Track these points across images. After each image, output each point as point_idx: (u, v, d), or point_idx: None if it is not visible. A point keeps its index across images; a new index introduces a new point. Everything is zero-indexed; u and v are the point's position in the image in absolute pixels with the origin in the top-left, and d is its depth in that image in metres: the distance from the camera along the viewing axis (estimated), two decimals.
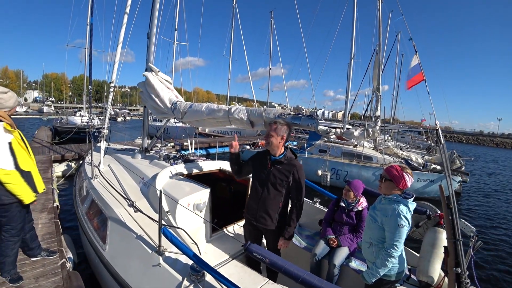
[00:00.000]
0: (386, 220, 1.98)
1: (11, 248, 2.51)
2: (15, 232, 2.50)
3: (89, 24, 16.35)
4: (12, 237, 2.50)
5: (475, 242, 2.15)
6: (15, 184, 2.33)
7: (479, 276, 4.73)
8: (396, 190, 2.04)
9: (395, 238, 1.92)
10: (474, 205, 9.65)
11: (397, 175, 2.00)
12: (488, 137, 60.14)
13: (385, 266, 1.96)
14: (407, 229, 1.93)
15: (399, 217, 1.91)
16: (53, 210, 4.32)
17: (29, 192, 2.45)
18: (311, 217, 3.59)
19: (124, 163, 4.15)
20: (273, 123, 2.47)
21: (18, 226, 2.52)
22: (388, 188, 2.06)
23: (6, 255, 2.51)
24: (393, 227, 1.93)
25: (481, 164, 22.51)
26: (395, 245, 1.92)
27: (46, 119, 31.80)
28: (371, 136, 11.11)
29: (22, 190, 2.38)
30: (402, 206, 1.94)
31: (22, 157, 2.41)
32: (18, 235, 2.54)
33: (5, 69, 65.84)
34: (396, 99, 24.81)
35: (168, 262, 2.15)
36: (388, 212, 1.98)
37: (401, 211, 1.92)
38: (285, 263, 1.86)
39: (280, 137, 2.41)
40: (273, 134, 2.40)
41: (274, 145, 2.42)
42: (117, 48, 4.23)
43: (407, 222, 1.92)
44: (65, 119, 18.16)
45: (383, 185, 2.09)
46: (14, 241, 2.52)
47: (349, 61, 13.22)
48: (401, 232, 1.90)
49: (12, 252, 2.53)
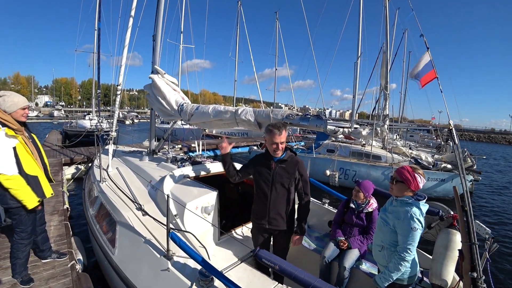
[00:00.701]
0: (398, 223, 1.93)
1: (21, 250, 2.54)
2: (25, 235, 2.53)
3: (97, 29, 16.69)
4: (22, 240, 2.52)
5: (490, 244, 2.08)
6: (17, 189, 2.33)
7: (495, 279, 4.60)
8: (408, 191, 1.98)
9: (408, 241, 1.87)
10: (487, 204, 9.41)
11: (409, 177, 1.95)
12: (500, 135, 58.66)
13: (398, 270, 1.90)
14: (420, 232, 1.88)
15: (412, 219, 1.85)
16: (63, 213, 4.38)
17: (32, 197, 2.44)
18: (320, 218, 3.54)
19: (132, 166, 4.17)
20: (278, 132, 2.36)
21: (28, 229, 2.54)
22: (400, 190, 2.00)
23: (17, 257, 2.54)
24: (406, 230, 1.88)
25: (492, 162, 22.02)
26: (408, 249, 1.87)
27: (56, 123, 32.46)
28: (379, 135, 10.96)
29: (25, 195, 2.38)
30: (414, 208, 1.89)
31: (27, 162, 2.41)
32: (28, 238, 2.57)
33: (17, 75, 67.43)
34: (404, 97, 24.45)
35: (177, 267, 2.14)
36: (400, 214, 1.93)
37: (414, 214, 1.86)
38: (295, 270, 1.82)
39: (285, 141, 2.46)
40: (284, 140, 2.42)
41: (282, 149, 2.45)
42: (123, 51, 4.26)
43: (420, 225, 1.87)
44: (74, 122, 18.50)
45: (395, 187, 2.03)
46: (24, 243, 2.54)
47: (356, 60, 13.10)
48: (414, 235, 1.85)
49: (22, 254, 2.56)
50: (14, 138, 2.34)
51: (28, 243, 2.59)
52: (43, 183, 2.56)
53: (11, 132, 2.33)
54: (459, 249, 2.05)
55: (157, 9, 4.58)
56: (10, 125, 2.37)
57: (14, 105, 2.41)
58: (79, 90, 74.42)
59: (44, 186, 2.56)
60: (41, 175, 2.56)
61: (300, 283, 1.77)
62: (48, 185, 2.64)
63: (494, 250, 2.06)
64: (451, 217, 2.47)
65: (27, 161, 2.41)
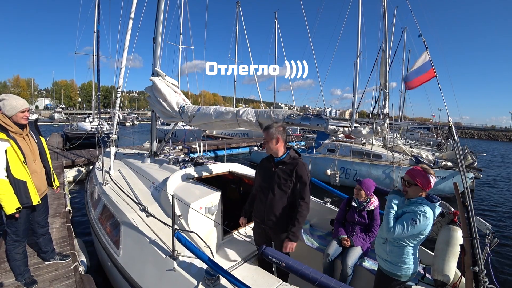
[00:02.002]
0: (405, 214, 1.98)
1: (14, 252, 2.54)
2: (16, 237, 2.51)
3: (96, 31, 16.71)
4: (13, 241, 2.52)
5: (491, 239, 2.10)
6: (2, 194, 2.27)
7: (497, 273, 4.61)
8: (422, 192, 2.02)
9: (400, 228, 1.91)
10: (488, 201, 9.44)
11: (423, 179, 1.98)
12: (500, 132, 58.63)
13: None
14: (419, 230, 1.91)
15: (418, 215, 1.89)
16: (66, 215, 4.40)
17: (13, 203, 2.33)
18: (322, 217, 3.56)
19: (134, 168, 4.19)
20: (264, 130, 2.48)
21: (19, 231, 2.52)
22: (415, 191, 2.03)
23: (12, 259, 2.55)
24: (405, 219, 1.92)
25: (495, 159, 22.06)
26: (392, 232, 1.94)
27: (57, 126, 32.49)
28: (379, 134, 10.96)
29: (7, 200, 2.30)
30: (427, 207, 1.92)
31: (16, 166, 2.36)
32: (19, 240, 2.55)
33: (17, 78, 67.54)
34: (404, 96, 24.55)
35: (183, 267, 2.15)
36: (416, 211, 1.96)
37: (424, 212, 1.90)
38: (301, 266, 1.83)
39: (274, 140, 2.40)
40: (268, 140, 2.42)
41: (272, 149, 2.43)
42: (123, 53, 4.26)
43: (424, 224, 1.89)
44: (75, 125, 18.48)
45: (410, 190, 2.04)
46: (15, 245, 2.53)
47: (355, 59, 13.12)
48: (409, 226, 1.89)
49: (17, 256, 2.56)
50: (5, 141, 2.31)
51: (19, 245, 2.56)
52: (31, 189, 2.49)
53: (3, 136, 2.31)
54: (460, 244, 2.07)
55: (157, 11, 4.59)
56: (10, 128, 2.38)
57: (13, 108, 2.41)
58: (79, 92, 74.38)
59: (31, 192, 2.49)
60: (30, 181, 2.48)
61: (306, 279, 1.78)
62: (36, 192, 2.56)
63: (494, 245, 2.09)
64: (452, 214, 2.49)
65: (16, 165, 2.36)
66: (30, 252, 3.04)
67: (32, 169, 2.58)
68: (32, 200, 2.50)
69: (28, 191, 2.47)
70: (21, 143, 2.47)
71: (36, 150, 2.68)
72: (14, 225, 2.48)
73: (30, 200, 2.49)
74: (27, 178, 2.45)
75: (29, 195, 2.48)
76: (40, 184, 2.71)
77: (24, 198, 2.44)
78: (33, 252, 3.10)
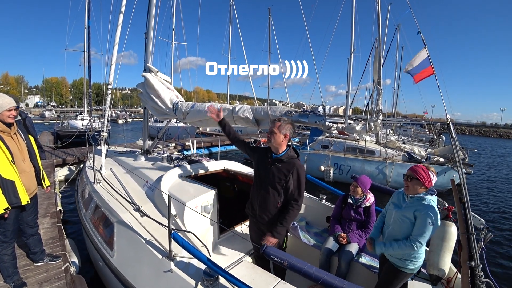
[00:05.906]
0: (418, 214, 1.99)
1: (2, 253, 2.47)
2: (4, 237, 2.45)
3: (87, 27, 16.35)
4: (1, 242, 2.44)
5: (485, 234, 2.13)
6: None
7: (491, 267, 4.70)
8: (422, 188, 2.06)
9: (422, 234, 1.94)
10: (480, 196, 9.62)
11: (424, 174, 2.02)
12: (491, 128, 59.75)
13: (399, 251, 2.03)
14: (437, 226, 1.96)
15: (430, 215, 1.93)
16: (56, 215, 4.30)
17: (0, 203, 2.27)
18: (318, 214, 3.55)
19: (126, 166, 4.11)
20: (277, 121, 2.39)
21: (8, 232, 2.45)
22: (416, 187, 2.07)
23: (0, 260, 2.48)
24: (422, 224, 1.95)
25: (487, 156, 22.45)
26: (419, 241, 1.95)
27: (48, 124, 31.86)
28: (373, 130, 11.02)
29: None
30: (432, 203, 1.98)
31: (3, 165, 2.30)
32: (7, 241, 2.48)
33: (6, 75, 65.77)
34: (397, 92, 24.70)
35: (180, 267, 2.10)
36: (419, 208, 2.00)
37: (434, 211, 1.94)
38: (304, 265, 1.81)
39: (283, 135, 2.33)
40: (276, 131, 2.32)
41: (276, 142, 2.34)
42: (113, 49, 4.13)
43: (437, 218, 1.94)
44: (66, 123, 18.15)
45: (411, 184, 2.09)
46: (3, 246, 2.47)
47: (349, 55, 13.15)
48: (429, 230, 1.93)
49: (5, 257, 2.49)
50: None
51: (8, 245, 2.50)
52: (19, 189, 2.42)
53: None
54: (457, 240, 2.10)
55: (149, 5, 4.49)
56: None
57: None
58: (70, 89, 73.00)
59: (20, 192, 2.43)
60: (18, 181, 2.42)
61: (309, 278, 1.76)
62: (25, 192, 2.49)
63: (488, 240, 2.12)
64: (446, 209, 2.51)
65: (3, 164, 2.30)
66: (19, 253, 2.96)
67: (21, 168, 2.51)
68: (21, 200, 2.43)
69: (16, 190, 2.39)
70: (8, 142, 2.39)
71: (24, 149, 2.61)
72: (3, 225, 2.41)
73: (19, 200, 2.42)
74: (15, 178, 2.38)
75: (18, 195, 2.41)
76: (30, 184, 2.63)
77: (13, 197, 2.37)
78: (22, 254, 3.02)
